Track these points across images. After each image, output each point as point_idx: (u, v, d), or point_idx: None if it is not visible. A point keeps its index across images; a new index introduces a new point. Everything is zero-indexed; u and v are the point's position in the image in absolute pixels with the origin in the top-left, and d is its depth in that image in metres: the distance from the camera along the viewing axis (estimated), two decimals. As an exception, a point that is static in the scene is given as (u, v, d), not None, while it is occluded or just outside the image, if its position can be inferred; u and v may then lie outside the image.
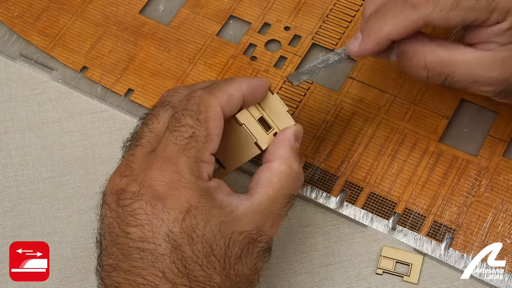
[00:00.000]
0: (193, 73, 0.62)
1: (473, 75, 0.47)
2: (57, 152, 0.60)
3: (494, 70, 0.47)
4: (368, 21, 0.48)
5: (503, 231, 0.54)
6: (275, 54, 0.62)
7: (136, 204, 0.44)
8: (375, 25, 0.48)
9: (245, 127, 0.49)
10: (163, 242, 0.43)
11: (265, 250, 0.46)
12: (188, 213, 0.43)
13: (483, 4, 0.45)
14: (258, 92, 0.49)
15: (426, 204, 0.55)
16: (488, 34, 0.46)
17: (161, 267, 0.43)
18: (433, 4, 0.45)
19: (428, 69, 0.48)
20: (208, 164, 0.45)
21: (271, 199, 0.46)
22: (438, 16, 0.46)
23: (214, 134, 0.45)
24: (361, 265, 0.54)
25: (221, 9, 0.65)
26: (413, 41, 0.48)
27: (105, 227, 0.46)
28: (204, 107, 0.46)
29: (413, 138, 0.58)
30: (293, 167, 0.48)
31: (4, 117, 0.61)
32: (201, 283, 0.43)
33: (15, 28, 0.64)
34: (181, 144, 0.45)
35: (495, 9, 0.45)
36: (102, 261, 0.46)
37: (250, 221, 0.45)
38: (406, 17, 0.46)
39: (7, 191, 0.58)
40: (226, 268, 0.44)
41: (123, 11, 0.65)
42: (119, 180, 0.45)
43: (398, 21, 0.47)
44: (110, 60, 0.63)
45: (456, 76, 0.48)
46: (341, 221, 0.56)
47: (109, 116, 0.61)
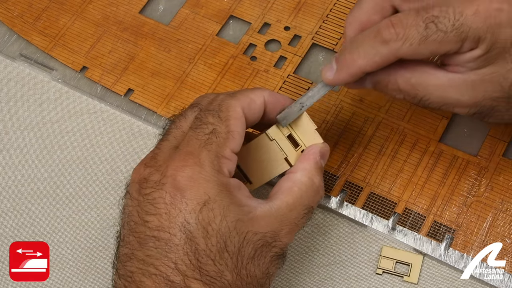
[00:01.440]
0: (193, 73, 0.62)
1: (445, 98, 0.48)
2: (57, 152, 0.60)
3: (464, 93, 0.47)
4: (342, 53, 0.49)
5: (503, 231, 0.54)
6: (275, 54, 0.62)
7: (157, 193, 0.45)
8: (349, 57, 0.48)
9: (276, 143, 0.50)
10: (178, 232, 0.44)
11: (278, 256, 0.47)
12: (206, 205, 0.44)
13: (452, 37, 0.45)
14: (280, 104, 0.50)
15: (426, 204, 0.55)
16: (460, 60, 0.47)
17: (174, 258, 0.43)
18: (402, 39, 0.46)
19: (403, 92, 0.49)
20: (229, 160, 0.46)
21: (289, 207, 0.47)
22: (408, 51, 0.46)
23: (235, 131, 0.47)
24: (361, 265, 0.54)
25: (221, 9, 0.65)
26: (385, 69, 0.48)
27: (125, 217, 0.47)
28: (225, 106, 0.47)
29: (413, 138, 0.58)
30: (315, 180, 0.49)
31: (4, 117, 0.61)
32: (212, 278, 0.44)
33: (15, 28, 0.64)
34: (203, 140, 0.46)
35: (466, 39, 0.45)
36: (119, 252, 0.46)
37: (267, 224, 0.46)
38: (377, 52, 0.47)
39: (7, 191, 0.58)
40: (238, 267, 0.44)
41: (123, 11, 0.65)
42: (143, 170, 0.47)
43: (370, 56, 0.47)
44: (110, 60, 0.63)
45: (430, 98, 0.48)
46: (341, 221, 0.56)
47: (109, 116, 0.61)
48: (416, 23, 0.46)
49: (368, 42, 0.47)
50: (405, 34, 0.46)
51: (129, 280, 0.44)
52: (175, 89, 0.61)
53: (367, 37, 0.47)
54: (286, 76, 0.61)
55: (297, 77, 0.61)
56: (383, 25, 0.47)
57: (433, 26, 0.45)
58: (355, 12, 0.50)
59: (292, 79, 0.61)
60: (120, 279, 0.45)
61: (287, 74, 0.61)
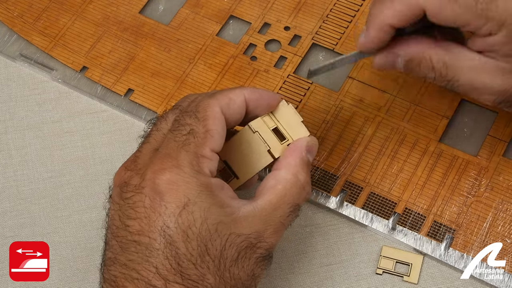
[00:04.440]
0: (193, 73, 0.62)
1: (476, 81, 0.47)
2: (57, 152, 0.60)
3: (494, 79, 0.47)
4: (370, 9, 0.48)
5: (503, 231, 0.54)
6: (275, 54, 0.62)
7: (137, 197, 0.44)
8: (375, 11, 0.48)
9: (258, 134, 0.49)
10: (158, 237, 0.43)
11: (264, 257, 0.46)
12: (185, 208, 0.43)
13: (479, 10, 0.44)
14: (263, 100, 0.49)
15: (426, 204, 0.55)
16: (486, 44, 0.46)
17: (155, 262, 0.43)
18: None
19: (435, 71, 0.48)
20: (209, 160, 0.45)
21: (273, 206, 0.46)
22: (434, 4, 0.45)
23: (213, 129, 0.46)
24: (361, 265, 0.54)
25: (221, 9, 0.65)
26: (418, 46, 0.48)
27: (109, 220, 0.46)
28: (203, 107, 0.46)
29: (413, 138, 0.58)
30: (299, 177, 0.48)
31: (4, 117, 0.61)
32: (194, 282, 0.43)
33: (15, 28, 0.64)
34: (181, 141, 0.45)
35: (490, 19, 0.44)
36: (105, 256, 0.46)
37: (250, 225, 0.45)
38: (404, 1, 0.46)
39: (7, 191, 0.58)
40: (220, 270, 0.44)
41: (123, 11, 0.65)
42: (123, 173, 0.46)
43: (396, 6, 0.46)
44: (110, 60, 0.63)
45: (460, 80, 0.48)
46: (341, 221, 0.56)
47: (109, 116, 0.61)
48: None
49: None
50: None
51: (113, 284, 0.44)
52: (175, 89, 0.61)
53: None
54: (286, 76, 0.61)
55: (297, 77, 0.61)
56: None
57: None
58: (385, 6, 0.48)
59: (292, 79, 0.61)
60: (105, 283, 0.45)
61: (287, 74, 0.61)
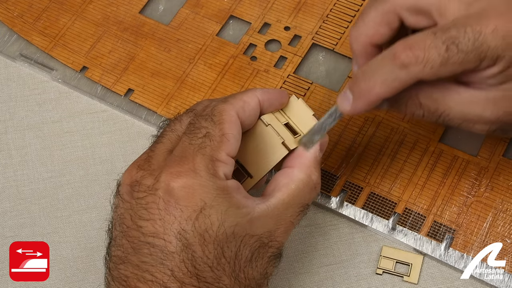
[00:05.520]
0: (193, 73, 0.62)
1: (466, 114, 0.46)
2: (57, 152, 0.60)
3: (486, 109, 0.46)
4: (356, 82, 0.46)
5: (503, 231, 0.54)
6: (275, 54, 0.62)
7: (150, 198, 0.44)
8: (365, 86, 0.46)
9: (271, 127, 0.49)
10: (174, 240, 0.43)
11: (275, 256, 0.46)
12: (202, 212, 0.43)
13: (472, 57, 0.44)
14: (274, 99, 0.49)
15: (426, 204, 0.55)
16: (479, 77, 0.45)
17: (170, 265, 0.43)
18: (422, 62, 0.44)
19: (423, 108, 0.47)
20: (224, 164, 0.45)
21: (285, 205, 0.46)
22: (428, 73, 0.44)
23: (229, 134, 0.46)
24: (361, 265, 0.54)
25: (221, 9, 0.65)
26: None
27: (117, 217, 0.46)
28: (218, 111, 0.46)
29: (413, 138, 0.58)
30: (312, 177, 0.48)
31: (4, 117, 0.61)
32: (209, 284, 0.43)
33: (15, 28, 0.64)
34: (197, 144, 0.45)
35: (485, 57, 0.44)
36: (111, 252, 0.46)
37: (263, 225, 0.45)
38: (396, 77, 0.45)
39: (7, 191, 0.58)
40: (235, 271, 0.44)
41: (123, 11, 0.65)
42: (135, 172, 0.46)
43: (388, 82, 0.45)
44: (110, 60, 0.63)
45: (451, 114, 0.47)
46: (341, 221, 0.56)
47: (109, 116, 0.61)
48: (436, 45, 0.44)
49: (385, 67, 0.45)
50: (425, 57, 0.44)
51: (124, 284, 0.44)
52: (175, 89, 0.61)
53: (382, 62, 0.45)
54: (286, 76, 0.61)
55: (297, 77, 0.61)
56: (399, 49, 0.44)
57: (454, 48, 0.43)
58: (360, 26, 0.48)
59: (292, 79, 0.61)
60: (114, 281, 0.45)
61: (287, 74, 0.61)
